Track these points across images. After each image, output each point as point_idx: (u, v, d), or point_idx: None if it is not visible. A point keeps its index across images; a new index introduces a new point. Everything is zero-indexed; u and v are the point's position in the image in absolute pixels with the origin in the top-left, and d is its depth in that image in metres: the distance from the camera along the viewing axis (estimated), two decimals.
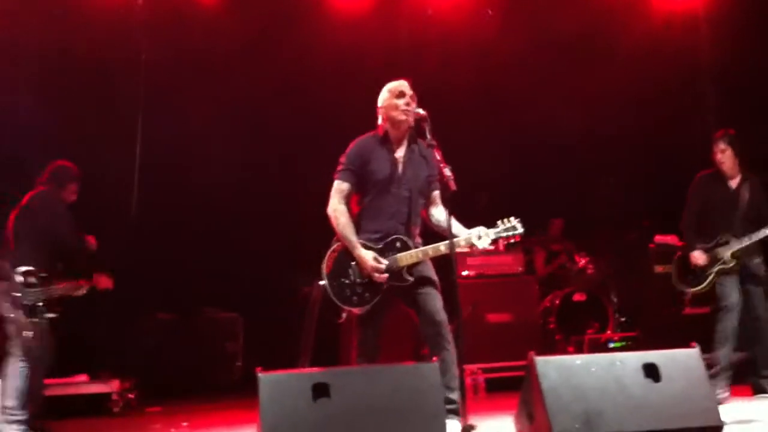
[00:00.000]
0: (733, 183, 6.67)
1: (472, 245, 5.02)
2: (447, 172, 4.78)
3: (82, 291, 6.36)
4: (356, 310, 4.99)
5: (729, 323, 6.36)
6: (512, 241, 5.13)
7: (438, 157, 4.86)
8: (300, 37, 9.13)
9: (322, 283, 5.00)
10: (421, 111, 5.00)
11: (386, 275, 4.93)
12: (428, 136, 4.92)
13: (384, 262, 4.94)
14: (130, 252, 8.95)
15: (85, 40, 8.56)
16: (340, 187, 5.11)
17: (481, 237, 5.01)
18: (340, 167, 5.14)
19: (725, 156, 6.62)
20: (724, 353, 6.26)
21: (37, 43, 8.59)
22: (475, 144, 9.24)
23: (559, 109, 9.30)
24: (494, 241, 5.06)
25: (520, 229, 5.09)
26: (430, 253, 5.01)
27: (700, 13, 9.59)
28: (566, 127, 9.42)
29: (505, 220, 5.10)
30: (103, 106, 8.90)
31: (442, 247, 4.96)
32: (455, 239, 4.92)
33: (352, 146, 5.19)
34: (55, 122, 8.69)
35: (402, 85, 5.17)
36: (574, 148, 9.65)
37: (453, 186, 4.73)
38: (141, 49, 9.13)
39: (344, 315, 5.03)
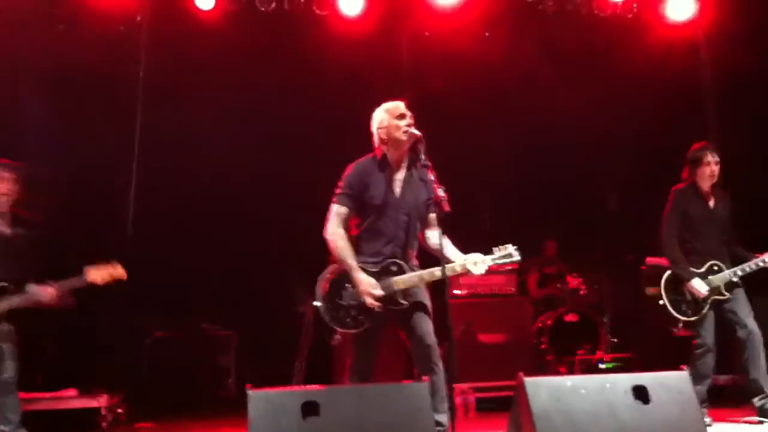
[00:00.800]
0: (711, 199, 6.53)
1: (467, 271, 5.03)
2: (441, 192, 4.80)
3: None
4: (344, 331, 4.99)
5: (708, 363, 6.22)
6: (509, 268, 5.15)
7: (432, 178, 4.88)
8: (302, 53, 9.15)
9: (316, 304, 4.99)
10: (416, 132, 5.02)
11: (379, 303, 4.92)
12: (422, 157, 4.95)
13: (379, 293, 4.93)
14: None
15: (86, 50, 8.58)
16: (338, 211, 5.10)
17: (477, 264, 5.03)
18: (338, 191, 5.13)
19: (717, 168, 6.46)
20: (700, 390, 5.91)
21: (38, 51, 8.63)
22: (473, 161, 9.28)
23: (558, 128, 9.34)
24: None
25: (517, 257, 5.12)
26: (426, 277, 5.02)
27: (699, 34, 9.63)
28: (564, 146, 9.45)
29: (501, 247, 5.11)
30: (101, 118, 8.92)
31: (437, 272, 4.95)
32: (451, 264, 4.95)
33: (350, 170, 5.17)
34: (55, 132, 8.74)
35: (400, 105, 5.16)
36: (573, 166, 9.67)
37: (447, 207, 4.75)
38: (140, 58, 9.13)
39: (337, 337, 5.03)
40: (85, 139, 8.87)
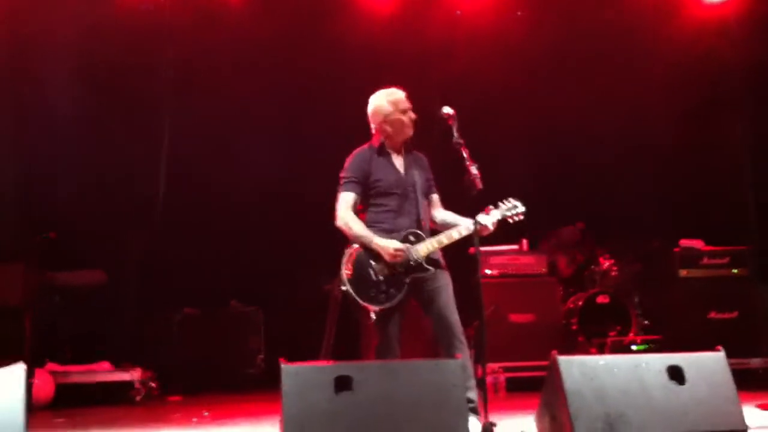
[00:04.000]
0: None
1: (480, 227, 5.02)
2: (474, 170, 4.79)
3: None
4: (379, 308, 4.98)
5: None
6: (516, 219, 5.17)
7: (465, 155, 4.87)
8: (328, 36, 9.12)
9: (344, 288, 5.00)
10: (449, 110, 4.99)
11: (406, 250, 4.95)
12: (456, 134, 4.93)
13: (402, 246, 4.96)
14: (156, 246, 9.05)
15: (112, 39, 8.66)
16: (345, 198, 5.14)
17: (488, 215, 5.08)
18: (342, 180, 5.18)
19: None
20: None
21: (65, 42, 8.70)
22: (502, 143, 9.22)
23: (588, 110, 9.24)
24: (503, 221, 5.13)
25: (522, 208, 5.18)
26: (445, 240, 5.06)
27: (730, 17, 9.48)
28: (595, 127, 9.36)
29: (506, 200, 5.19)
30: (130, 102, 8.98)
31: (454, 234, 5.03)
32: (464, 224, 5.02)
33: (350, 159, 5.22)
34: (83, 119, 8.83)
35: (403, 98, 5.22)
36: (603, 148, 9.58)
37: (479, 185, 4.75)
38: (168, 46, 9.17)
39: (373, 315, 5.03)
40: (114, 121, 8.95)
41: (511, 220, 5.19)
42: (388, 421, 4.10)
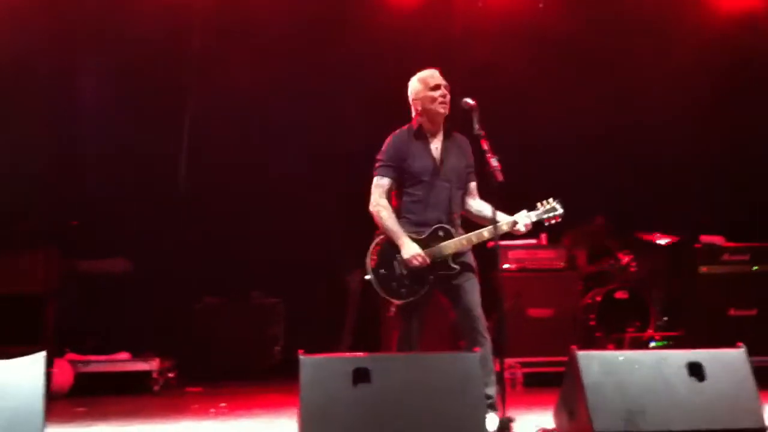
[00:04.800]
0: None
1: (515, 226, 5.02)
2: (494, 162, 4.77)
3: None
4: (399, 302, 4.97)
5: None
6: (554, 221, 5.12)
7: (486, 148, 4.84)
8: (351, 23, 9.12)
9: (367, 277, 4.99)
10: (470, 101, 4.96)
11: (426, 260, 4.91)
12: (476, 126, 4.90)
13: (427, 258, 4.92)
14: (179, 235, 9.09)
15: (138, 23, 8.68)
16: (380, 182, 5.09)
17: (522, 219, 5.04)
18: (378, 164, 5.12)
19: None
20: None
21: (90, 25, 8.77)
22: (523, 133, 9.18)
23: (610, 101, 9.19)
24: (538, 223, 5.08)
25: (560, 210, 5.12)
26: (474, 239, 5.01)
27: (760, 9, 9.39)
28: (617, 119, 9.31)
29: (545, 201, 5.13)
30: (156, 90, 9.02)
31: (485, 233, 4.98)
32: (498, 223, 4.93)
33: (388, 142, 5.16)
34: (109, 107, 8.88)
35: (435, 75, 5.12)
36: (625, 142, 9.52)
37: (500, 177, 4.72)
38: (193, 33, 9.19)
39: (393, 309, 5.03)
40: (140, 109, 9.00)
41: (547, 223, 5.15)
42: (406, 413, 4.09)
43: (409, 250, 4.93)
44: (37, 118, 8.70)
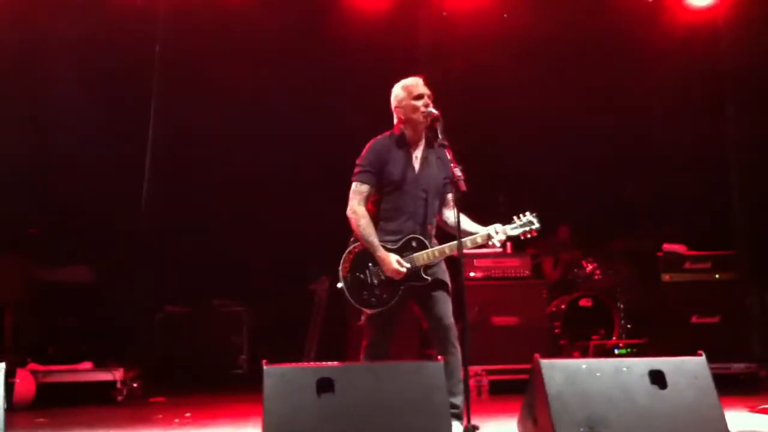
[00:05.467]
0: None
1: (488, 242, 5.05)
2: (458, 172, 4.76)
3: None
4: (370, 311, 4.97)
5: None
6: (530, 236, 5.13)
7: (450, 157, 4.85)
8: (319, 31, 9.13)
9: (339, 285, 4.98)
10: (433, 110, 4.98)
11: (405, 269, 4.91)
12: (440, 136, 4.91)
13: (406, 266, 4.93)
14: (140, 243, 9.01)
15: (102, 27, 8.62)
16: (359, 189, 5.07)
17: (498, 233, 5.04)
18: (357, 169, 5.10)
19: None
20: None
21: (57, 27, 8.68)
22: (489, 143, 9.23)
23: (575, 112, 9.26)
24: (511, 238, 5.10)
25: (537, 224, 5.14)
26: (447, 251, 5.02)
27: (720, 19, 9.53)
28: (580, 130, 9.39)
29: (521, 215, 5.14)
30: (118, 99, 8.96)
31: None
32: (473, 236, 4.97)
33: (368, 147, 5.14)
34: (71, 116, 8.80)
35: (419, 84, 5.12)
36: (590, 150, 9.61)
37: (463, 187, 4.70)
38: (156, 37, 9.15)
39: (363, 317, 5.02)
40: (101, 115, 8.91)
41: (523, 237, 5.16)
42: (370, 423, 4.09)
43: (389, 264, 4.91)
44: None
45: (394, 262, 4.91)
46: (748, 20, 9.14)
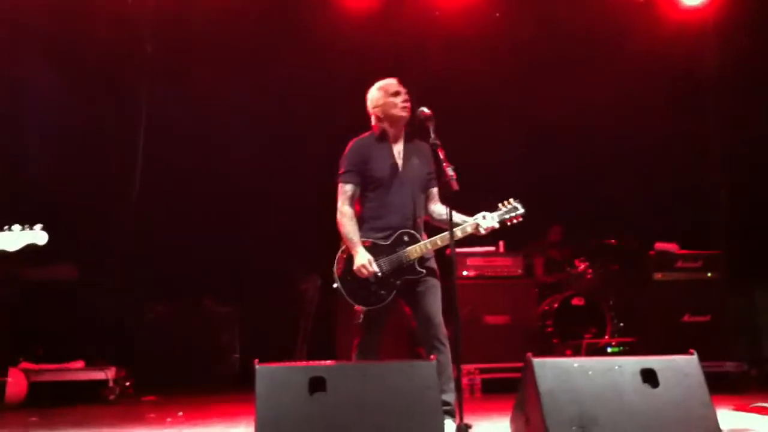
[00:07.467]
0: None
1: (477, 227, 5.05)
2: (450, 171, 4.76)
3: None
4: (368, 308, 4.98)
5: None
6: (515, 221, 5.15)
7: (441, 157, 4.85)
8: (306, 31, 9.12)
9: (335, 285, 5.01)
10: (426, 110, 4.98)
11: (373, 271, 4.93)
12: (432, 135, 4.91)
13: (374, 269, 4.94)
14: (130, 242, 8.98)
15: (92, 26, 8.60)
16: (344, 189, 5.11)
17: (485, 218, 5.08)
18: (341, 170, 5.15)
19: None
20: None
21: (44, 27, 8.64)
22: (478, 143, 9.23)
23: (564, 112, 9.27)
24: (500, 223, 5.11)
25: (522, 209, 5.17)
26: (439, 243, 5.04)
27: (709, 19, 9.56)
28: (570, 128, 9.41)
29: (506, 202, 5.17)
30: (107, 94, 8.93)
31: (449, 235, 4.97)
32: (462, 226, 5.01)
33: (349, 147, 5.20)
34: (58, 111, 8.75)
35: (394, 83, 5.19)
36: (579, 150, 9.63)
37: (455, 186, 4.70)
38: (148, 36, 9.14)
39: (362, 316, 5.03)
40: (90, 115, 8.88)
41: (509, 223, 5.18)
42: (363, 422, 4.08)
43: (358, 260, 4.95)
44: None
45: (365, 261, 4.94)
46: (737, 20, 9.18)
